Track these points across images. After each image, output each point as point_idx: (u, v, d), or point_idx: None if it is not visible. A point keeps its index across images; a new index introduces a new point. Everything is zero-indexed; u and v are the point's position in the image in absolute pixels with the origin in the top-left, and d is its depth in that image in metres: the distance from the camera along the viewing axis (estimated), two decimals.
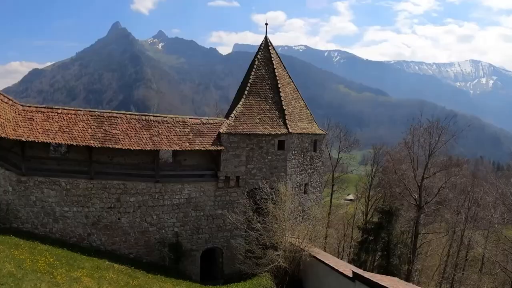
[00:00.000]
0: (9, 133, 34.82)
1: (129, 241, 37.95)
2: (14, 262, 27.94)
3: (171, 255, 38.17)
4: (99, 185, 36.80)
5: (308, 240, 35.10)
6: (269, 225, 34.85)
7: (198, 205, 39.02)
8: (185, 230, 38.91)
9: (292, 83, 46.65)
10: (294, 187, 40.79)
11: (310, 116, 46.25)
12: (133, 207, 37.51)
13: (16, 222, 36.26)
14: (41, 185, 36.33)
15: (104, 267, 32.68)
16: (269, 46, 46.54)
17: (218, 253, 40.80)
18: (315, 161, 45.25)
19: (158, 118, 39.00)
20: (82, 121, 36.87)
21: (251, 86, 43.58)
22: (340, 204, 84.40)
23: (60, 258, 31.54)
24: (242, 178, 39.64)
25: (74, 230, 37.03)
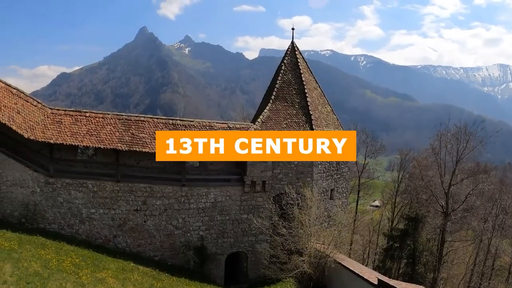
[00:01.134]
0: (38, 136, 35.45)
1: (155, 243, 38.19)
2: (40, 261, 28.34)
3: (195, 259, 38.31)
4: (125, 187, 37.19)
5: (333, 246, 34.88)
6: (295, 230, 34.70)
7: (224, 209, 39.05)
8: (210, 234, 38.96)
9: (318, 88, 46.42)
10: (320, 193, 40.47)
11: (336, 121, 45.94)
12: (159, 210, 37.77)
13: (43, 223, 36.98)
14: (69, 186, 36.93)
15: (129, 268, 32.95)
16: (296, 51, 46.37)
17: (243, 258, 40.74)
18: (341, 166, 44.88)
19: (185, 122, 39.12)
20: (109, 125, 37.27)
21: (277, 91, 43.51)
22: (366, 210, 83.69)
23: (85, 259, 31.90)
24: (268, 183, 39.50)
25: (100, 231, 37.51)
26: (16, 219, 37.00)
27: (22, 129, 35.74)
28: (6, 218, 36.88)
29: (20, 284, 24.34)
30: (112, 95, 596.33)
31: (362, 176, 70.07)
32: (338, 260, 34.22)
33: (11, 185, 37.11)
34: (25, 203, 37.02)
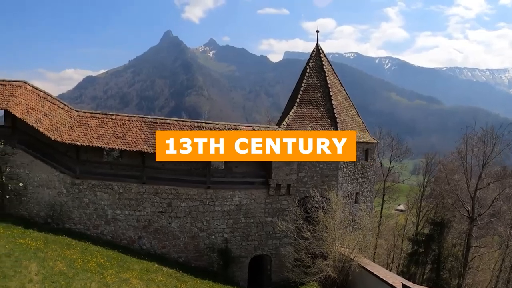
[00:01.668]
0: (65, 138, 35.94)
1: (179, 245, 38.33)
2: (65, 261, 28.71)
3: (219, 261, 38.29)
4: (151, 189, 37.44)
5: (357, 250, 34.67)
6: (319, 234, 34.53)
7: (249, 212, 39.02)
8: (234, 237, 38.95)
9: (343, 90, 46.25)
10: (345, 196, 40.41)
11: (361, 125, 45.70)
12: (184, 212, 37.90)
13: (69, 223, 37.51)
14: (94, 188, 37.35)
15: (153, 270, 33.17)
16: (321, 53, 46.29)
17: (267, 261, 40.63)
18: (366, 170, 44.65)
19: (210, 125, 39.15)
20: (135, 127, 37.54)
21: (302, 94, 43.45)
22: (391, 214, 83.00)
23: (110, 259, 32.24)
24: (293, 186, 39.34)
25: (125, 232, 37.80)
26: (43, 219, 37.59)
27: (49, 131, 36.26)
28: (33, 218, 37.52)
29: (45, 283, 24.67)
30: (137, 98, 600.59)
31: (387, 179, 69.66)
32: (362, 264, 33.96)
33: (38, 185, 37.74)
34: (52, 203, 37.55)
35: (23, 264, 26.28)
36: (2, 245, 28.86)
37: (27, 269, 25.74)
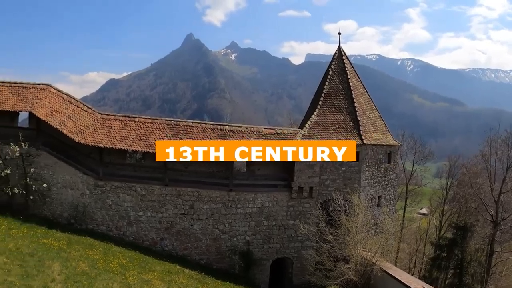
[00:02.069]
0: (88, 140, 36.34)
1: (201, 247, 38.48)
2: (88, 261, 29.07)
3: (241, 263, 38.38)
4: (173, 191, 37.65)
5: (380, 254, 34.36)
6: (341, 237, 34.26)
7: (271, 214, 38.97)
8: (256, 239, 38.94)
9: (366, 93, 45.92)
10: (367, 200, 40.13)
11: (384, 127, 45.35)
12: (206, 214, 38.03)
13: (92, 224, 37.97)
14: (117, 189, 37.70)
15: (175, 271, 33.37)
16: (343, 56, 46.04)
17: (288, 264, 40.53)
18: (389, 173, 44.30)
19: (232, 128, 39.25)
20: (158, 130, 37.83)
21: (325, 97, 43.23)
22: (413, 218, 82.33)
23: (132, 260, 32.57)
24: (316, 189, 39.21)
25: (147, 234, 38.08)
26: (66, 220, 38.10)
27: (73, 133, 36.69)
28: (56, 219, 38.10)
29: (68, 282, 24.91)
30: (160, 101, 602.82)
31: (410, 183, 68.97)
32: (384, 268, 33.65)
33: (61, 187, 38.24)
34: (75, 204, 38.04)
35: (46, 263, 26.60)
36: (25, 244, 29.25)
37: (50, 268, 26.03)
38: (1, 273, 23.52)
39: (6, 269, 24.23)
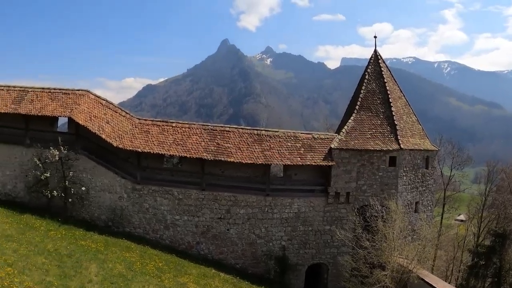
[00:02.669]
0: (126, 144, 36.85)
1: (236, 251, 38.58)
2: (125, 263, 29.46)
3: (276, 268, 38.28)
4: (210, 196, 37.89)
5: (416, 261, 33.79)
6: (378, 243, 33.79)
7: (307, 220, 38.82)
8: (292, 244, 38.82)
9: (403, 97, 45.33)
10: (404, 205, 39.57)
11: (422, 132, 44.70)
12: (243, 219, 38.13)
13: (129, 227, 38.47)
14: (155, 193, 38.13)
15: (210, 275, 33.51)
16: (379, 59, 45.54)
17: (324, 269, 40.29)
18: (426, 178, 43.67)
19: (269, 133, 39.28)
20: (195, 135, 38.11)
21: (362, 101, 42.83)
22: (451, 224, 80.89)
23: (168, 263, 32.90)
24: (352, 194, 38.95)
25: (184, 237, 38.37)
26: (103, 222, 38.71)
27: (111, 138, 37.24)
28: (94, 221, 38.76)
29: (104, 284, 25.30)
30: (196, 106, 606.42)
31: (448, 188, 67.98)
32: (421, 276, 33.15)
33: (99, 190, 38.82)
34: (112, 207, 38.65)
35: (83, 264, 27.05)
36: (64, 246, 29.83)
37: (87, 269, 26.44)
38: (39, 273, 23.98)
39: (45, 269, 24.70)
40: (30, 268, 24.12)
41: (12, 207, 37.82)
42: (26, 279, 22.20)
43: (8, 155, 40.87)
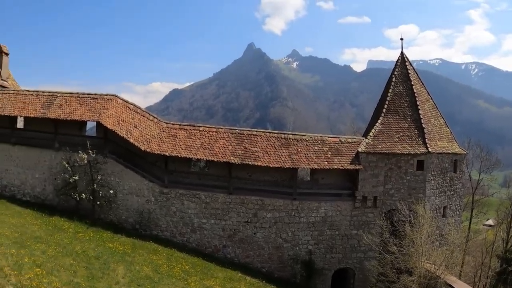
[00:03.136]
0: (154, 148, 37.19)
1: (263, 255, 38.55)
2: (152, 266, 29.78)
3: (303, 272, 38.17)
4: (237, 200, 37.99)
5: (444, 267, 33.40)
6: (405, 248, 33.45)
7: (334, 224, 38.64)
8: (318, 249, 38.68)
9: (430, 99, 44.87)
10: (432, 210, 39.14)
11: (450, 135, 44.18)
12: (269, 223, 38.11)
13: (156, 230, 38.75)
14: (182, 197, 38.38)
15: (237, 278, 33.57)
16: (406, 61, 45.18)
17: (350, 274, 40.02)
18: (455, 182, 43.19)
19: (297, 137, 39.28)
20: (222, 139, 38.28)
21: (389, 104, 42.54)
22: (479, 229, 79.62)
23: (195, 266, 33.09)
24: (380, 198, 38.67)
25: (210, 241, 38.51)
26: (131, 225, 39.10)
27: (139, 142, 37.62)
28: (122, 224, 39.16)
29: (131, 285, 25.71)
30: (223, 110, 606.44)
31: (476, 192, 66.99)
32: (448, 282, 32.77)
33: (127, 193, 39.21)
34: (140, 210, 38.98)
35: (111, 266, 27.39)
36: (91, 248, 30.24)
37: (114, 271, 26.76)
38: (67, 274, 24.34)
39: (73, 271, 25.07)
40: (58, 269, 24.49)
41: (41, 209, 38.66)
42: (54, 279, 22.54)
43: (38, 159, 41.71)
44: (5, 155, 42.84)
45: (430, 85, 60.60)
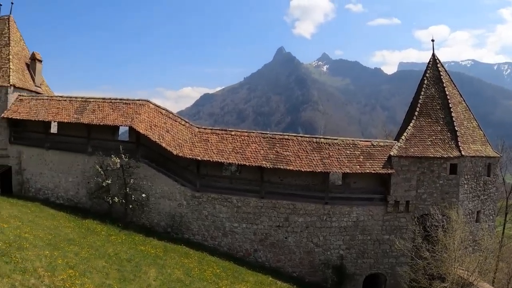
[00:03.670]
0: (186, 153, 37.53)
1: (294, 260, 38.46)
2: (183, 269, 29.93)
3: (334, 277, 37.87)
4: (269, 204, 38.01)
5: (477, 273, 32.80)
6: (438, 254, 32.98)
7: (366, 228, 38.33)
8: (350, 253, 38.42)
9: (463, 102, 44.19)
10: (465, 215, 38.50)
11: (483, 137, 43.38)
12: (301, 227, 38.03)
13: (188, 233, 39.03)
14: (214, 201, 38.62)
15: (267, 283, 33.50)
16: (437, 63, 44.68)
17: (381, 280, 39.65)
18: (488, 186, 42.42)
19: (328, 141, 39.23)
20: (254, 143, 38.45)
21: (421, 107, 42.10)
22: None
23: (226, 270, 33.11)
24: (412, 203, 38.22)
25: (242, 245, 38.62)
26: (163, 229, 39.49)
27: (171, 146, 38.02)
28: (153, 227, 39.65)
29: None
30: (254, 114, 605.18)
31: (510, 197, 65.92)
32: None
33: (159, 197, 39.62)
34: (172, 214, 39.35)
35: (142, 269, 27.61)
36: (124, 250, 30.56)
37: (146, 274, 26.97)
38: (100, 276, 24.60)
39: (105, 273, 25.34)
40: (90, 271, 24.78)
41: (74, 212, 39.37)
42: (87, 281, 22.80)
43: (71, 163, 42.50)
44: (40, 159, 43.91)
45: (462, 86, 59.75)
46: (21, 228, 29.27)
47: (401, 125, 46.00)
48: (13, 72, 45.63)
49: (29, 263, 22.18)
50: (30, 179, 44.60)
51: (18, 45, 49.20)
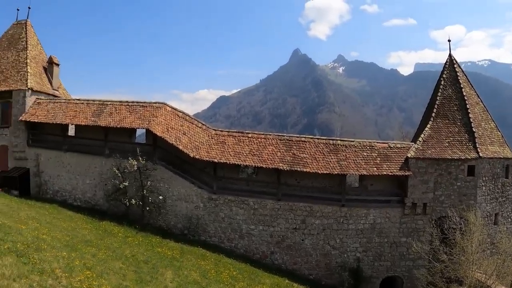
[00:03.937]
0: (203, 155, 37.66)
1: (310, 262, 38.42)
2: (199, 271, 29.89)
3: (350, 280, 37.75)
4: (285, 206, 38.03)
5: (495, 276, 32.48)
6: (456, 257, 32.66)
7: (383, 231, 38.20)
8: (367, 256, 38.30)
9: (480, 102, 43.80)
10: (483, 217, 38.14)
11: (501, 139, 42.97)
12: (318, 229, 37.99)
13: (204, 235, 39.15)
14: (230, 203, 38.67)
15: (284, 285, 33.38)
16: (454, 64, 44.41)
17: (398, 283, 39.39)
18: (506, 188, 41.98)
19: (345, 143, 39.19)
20: (271, 145, 38.53)
21: (438, 108, 41.87)
22: None
23: (242, 272, 33.03)
24: (429, 205, 37.98)
25: (258, 247, 38.64)
26: (179, 231, 39.60)
27: (188, 149, 38.17)
28: (170, 229, 39.76)
29: None
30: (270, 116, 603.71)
31: None
32: None
33: (176, 199, 39.76)
34: (189, 216, 39.46)
35: (159, 271, 27.59)
36: (141, 252, 30.64)
37: (163, 276, 26.97)
38: (117, 277, 24.66)
39: (122, 274, 25.37)
40: (108, 272, 24.85)
41: (92, 214, 39.69)
42: (104, 282, 22.86)
43: (89, 165, 42.88)
44: (57, 161, 44.34)
45: (479, 87, 59.28)
46: (39, 230, 29.43)
47: (418, 126, 45.73)
48: (30, 76, 46.21)
49: (46, 264, 22.28)
50: (48, 181, 45.01)
51: (35, 49, 49.79)
